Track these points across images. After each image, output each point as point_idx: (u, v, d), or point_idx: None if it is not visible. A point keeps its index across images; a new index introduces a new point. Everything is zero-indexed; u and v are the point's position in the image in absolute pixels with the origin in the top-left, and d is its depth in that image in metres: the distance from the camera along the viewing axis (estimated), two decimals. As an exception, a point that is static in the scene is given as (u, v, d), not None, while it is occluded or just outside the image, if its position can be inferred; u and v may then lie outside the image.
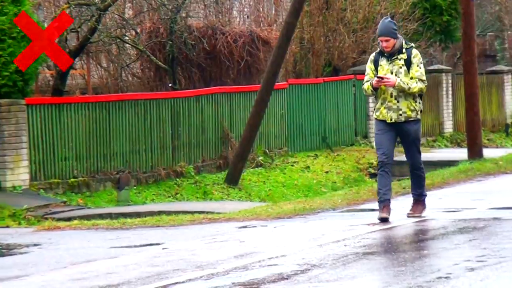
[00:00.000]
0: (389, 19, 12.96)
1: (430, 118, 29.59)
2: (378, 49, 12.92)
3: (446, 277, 9.62)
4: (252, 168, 22.92)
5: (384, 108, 12.81)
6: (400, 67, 12.76)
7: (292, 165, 24.01)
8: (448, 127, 30.16)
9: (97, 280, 10.15)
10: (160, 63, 24.93)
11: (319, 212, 14.98)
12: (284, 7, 27.28)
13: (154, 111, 21.54)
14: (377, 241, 11.88)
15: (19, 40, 18.71)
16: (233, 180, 21.57)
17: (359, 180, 23.85)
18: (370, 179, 23.68)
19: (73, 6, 22.74)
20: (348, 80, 26.46)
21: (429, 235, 12.23)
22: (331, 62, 27.75)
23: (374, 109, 13.10)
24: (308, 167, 24.18)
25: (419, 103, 12.99)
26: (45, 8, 24.53)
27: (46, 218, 16.81)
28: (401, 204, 15.42)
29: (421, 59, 12.95)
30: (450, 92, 30.16)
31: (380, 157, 12.87)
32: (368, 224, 13.16)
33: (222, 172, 22.25)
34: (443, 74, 30.32)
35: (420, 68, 12.83)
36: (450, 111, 30.16)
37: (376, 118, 12.98)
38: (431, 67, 31.26)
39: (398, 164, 25.33)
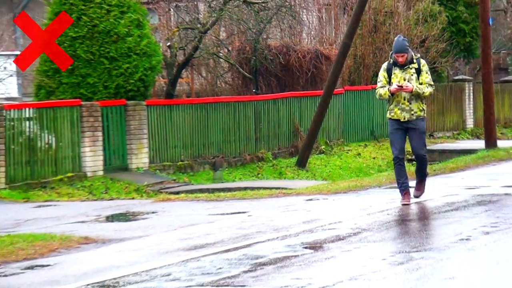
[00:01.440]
0: (402, 37, 12.12)
1: (455, 117, 29.29)
2: (391, 60, 12.08)
3: (466, 239, 9.59)
4: (316, 154, 22.89)
5: (398, 109, 11.97)
6: (412, 75, 11.93)
7: (347, 152, 23.95)
8: (470, 123, 29.85)
9: (198, 240, 10.26)
10: (246, 73, 25.01)
11: (368, 188, 14.94)
12: (342, 30, 27.17)
13: (241, 110, 21.62)
14: (413, 211, 11.86)
15: (141, 55, 18.79)
16: (302, 163, 21.59)
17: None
18: (408, 163, 23.51)
19: (181, 29, 22.94)
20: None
21: (453, 207, 12.16)
22: (378, 73, 27.58)
23: (388, 110, 12.10)
24: (359, 154, 24.10)
25: (425, 103, 12.17)
26: (160, 31, 24.74)
27: (161, 192, 16.96)
28: (432, 182, 15.33)
29: (428, 67, 12.17)
30: (471, 97, 29.84)
31: (394, 153, 12.13)
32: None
33: (293, 157, 22.27)
34: (466, 82, 30.02)
35: (428, 75, 12.03)
36: (471, 111, 29.85)
37: (390, 118, 12.10)
38: (457, 77, 30.96)
39: (429, 152, 25.23)
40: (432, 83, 12.06)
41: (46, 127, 17.01)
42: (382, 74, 12.11)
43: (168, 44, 22.58)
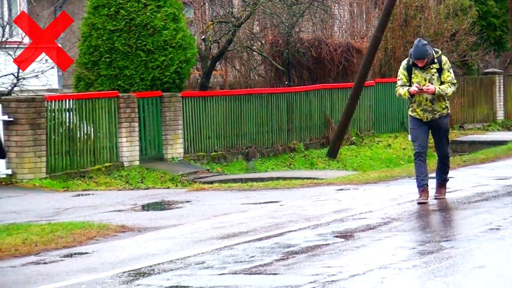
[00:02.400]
0: (422, 42, 11.08)
1: (485, 108, 29.14)
2: (411, 60, 11.16)
3: (496, 228, 9.51)
4: (347, 145, 22.83)
5: (420, 110, 11.20)
6: (433, 75, 11.09)
7: (377, 143, 23.84)
8: (500, 115, 29.66)
9: (231, 228, 10.25)
10: (279, 66, 24.97)
11: (398, 179, 14.85)
12: (373, 24, 27.02)
13: (274, 102, 21.59)
14: (443, 201, 11.74)
15: (177, 48, 18.78)
16: (332, 154, 21.54)
17: (428, 155, 23.51)
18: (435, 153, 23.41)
19: (216, 23, 22.93)
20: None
21: (483, 197, 12.05)
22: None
23: (409, 108, 11.34)
24: (390, 145, 23.98)
25: (448, 100, 11.28)
26: (195, 25, 24.76)
27: (195, 182, 16.94)
28: (462, 173, 15.22)
29: (450, 64, 11.25)
30: (502, 89, 29.67)
31: (416, 148, 11.26)
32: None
33: (325, 148, 22.22)
34: (496, 75, 29.85)
35: (450, 73, 11.13)
36: (502, 103, 29.66)
37: (412, 116, 11.32)
38: (487, 70, 30.80)
39: (459, 143, 25.04)
40: (455, 81, 11.25)
41: (85, 118, 17.08)
42: (402, 73, 11.22)
43: (203, 37, 22.58)
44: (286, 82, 24.86)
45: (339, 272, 7.67)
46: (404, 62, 11.29)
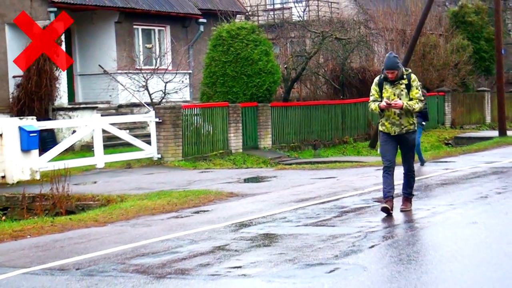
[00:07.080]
0: (394, 54, 8.30)
1: (478, 114, 28.49)
2: (383, 76, 8.31)
3: (485, 197, 9.29)
4: (382, 139, 22.47)
5: (389, 123, 8.32)
6: (402, 90, 8.23)
7: (403, 138, 23.39)
8: (488, 119, 28.91)
9: (304, 195, 10.25)
10: (336, 85, 24.76)
11: (418, 162, 14.61)
12: (401, 57, 26.48)
13: (332, 110, 21.40)
14: (448, 178, 11.54)
15: (267, 73, 18.69)
16: (372, 145, 21.23)
17: (439, 146, 23.06)
18: (445, 146, 22.90)
19: (294, 56, 22.89)
20: (433, 95, 25.61)
21: (476, 175, 11.76)
22: (425, 86, 26.86)
23: (379, 123, 8.51)
24: (412, 139, 23.51)
25: (415, 117, 8.44)
26: (280, 57, 24.68)
27: (279, 163, 16.96)
28: (461, 159, 14.87)
29: (418, 82, 8.33)
30: (489, 101, 28.94)
31: (385, 163, 8.29)
32: (444, 169, 12.78)
33: (367, 141, 21.94)
34: (486, 92, 29.21)
35: (418, 90, 8.26)
36: (489, 111, 28.94)
37: (381, 131, 8.44)
38: (479, 89, 30.17)
39: (460, 138, 24.35)
40: (422, 98, 8.37)
41: (206, 120, 17.27)
42: (374, 88, 8.37)
43: (285, 66, 22.57)
44: (341, 97, 24.65)
45: (377, 225, 7.61)
46: (376, 79, 8.47)
